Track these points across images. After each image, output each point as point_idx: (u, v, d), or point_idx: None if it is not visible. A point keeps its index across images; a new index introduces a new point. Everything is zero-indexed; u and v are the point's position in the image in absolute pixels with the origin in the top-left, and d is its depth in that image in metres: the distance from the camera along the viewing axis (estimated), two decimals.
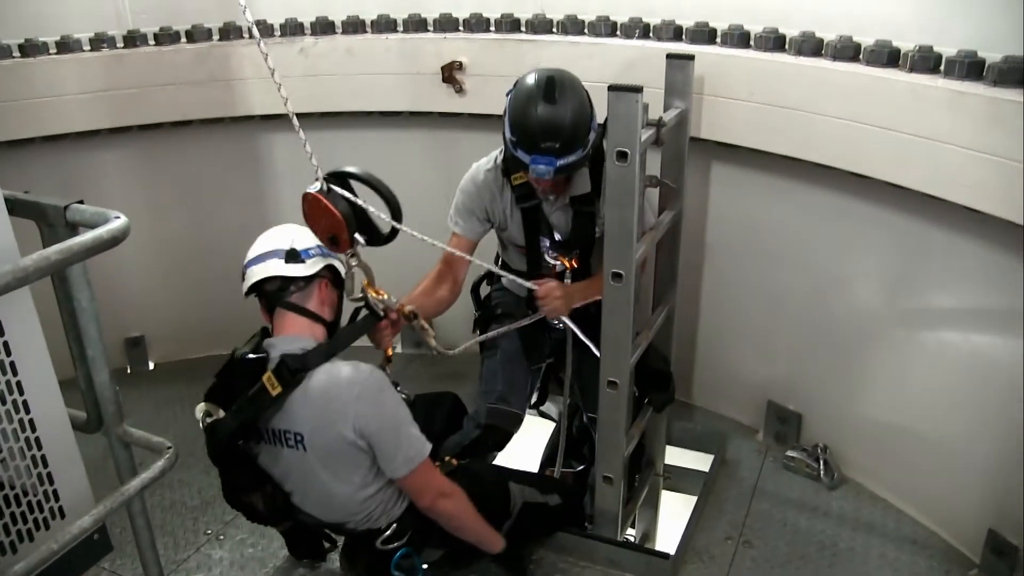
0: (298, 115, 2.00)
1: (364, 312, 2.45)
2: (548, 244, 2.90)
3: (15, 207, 1.92)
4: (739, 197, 3.39)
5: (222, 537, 3.09)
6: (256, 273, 2.33)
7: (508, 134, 2.61)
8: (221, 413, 2.24)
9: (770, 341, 3.52)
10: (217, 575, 2.92)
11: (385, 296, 2.42)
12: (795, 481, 3.28)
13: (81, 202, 1.92)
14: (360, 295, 2.38)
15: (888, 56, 2.63)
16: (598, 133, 2.63)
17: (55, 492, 2.03)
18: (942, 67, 2.51)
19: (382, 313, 2.44)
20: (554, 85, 2.54)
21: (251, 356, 2.25)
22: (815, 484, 3.25)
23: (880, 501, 3.15)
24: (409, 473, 2.26)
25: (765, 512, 3.11)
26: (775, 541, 2.96)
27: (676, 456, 3.51)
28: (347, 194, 2.16)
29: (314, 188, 2.15)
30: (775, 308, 3.44)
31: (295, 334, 2.30)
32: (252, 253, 2.37)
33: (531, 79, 2.60)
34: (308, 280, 2.33)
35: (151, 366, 4.36)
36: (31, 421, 1.94)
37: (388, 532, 2.41)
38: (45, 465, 1.99)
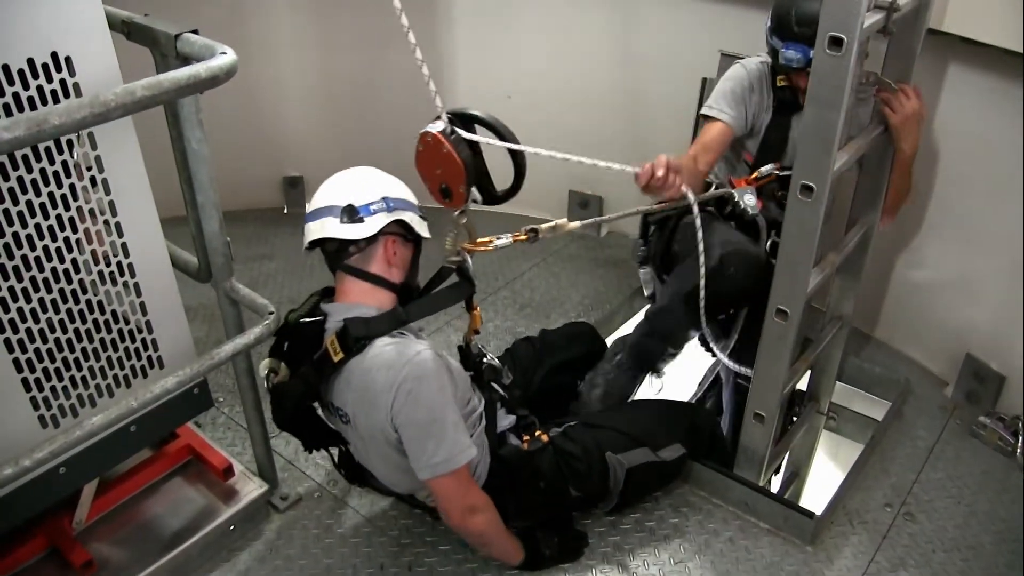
0: None
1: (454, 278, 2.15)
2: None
3: (132, 31, 1.78)
4: (976, 108, 2.81)
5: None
6: (311, 232, 2.07)
7: (768, 20, 2.56)
8: (283, 369, 2.09)
9: (981, 283, 2.98)
10: None
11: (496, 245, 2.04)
12: (982, 452, 2.81)
13: (196, 32, 1.74)
14: (458, 257, 2.04)
15: None
16: None
17: (154, 341, 1.97)
18: None
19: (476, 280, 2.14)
20: None
21: (306, 320, 2.06)
22: (1006, 461, 2.76)
23: None
24: (433, 479, 2.00)
25: (938, 482, 2.68)
26: (943, 520, 2.54)
27: (845, 396, 3.11)
28: (474, 137, 1.83)
29: (435, 128, 1.81)
30: (996, 246, 2.88)
31: (354, 302, 2.06)
32: (310, 206, 2.11)
33: None
34: (369, 240, 2.04)
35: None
36: (130, 266, 1.85)
37: None
38: (144, 313, 1.92)
